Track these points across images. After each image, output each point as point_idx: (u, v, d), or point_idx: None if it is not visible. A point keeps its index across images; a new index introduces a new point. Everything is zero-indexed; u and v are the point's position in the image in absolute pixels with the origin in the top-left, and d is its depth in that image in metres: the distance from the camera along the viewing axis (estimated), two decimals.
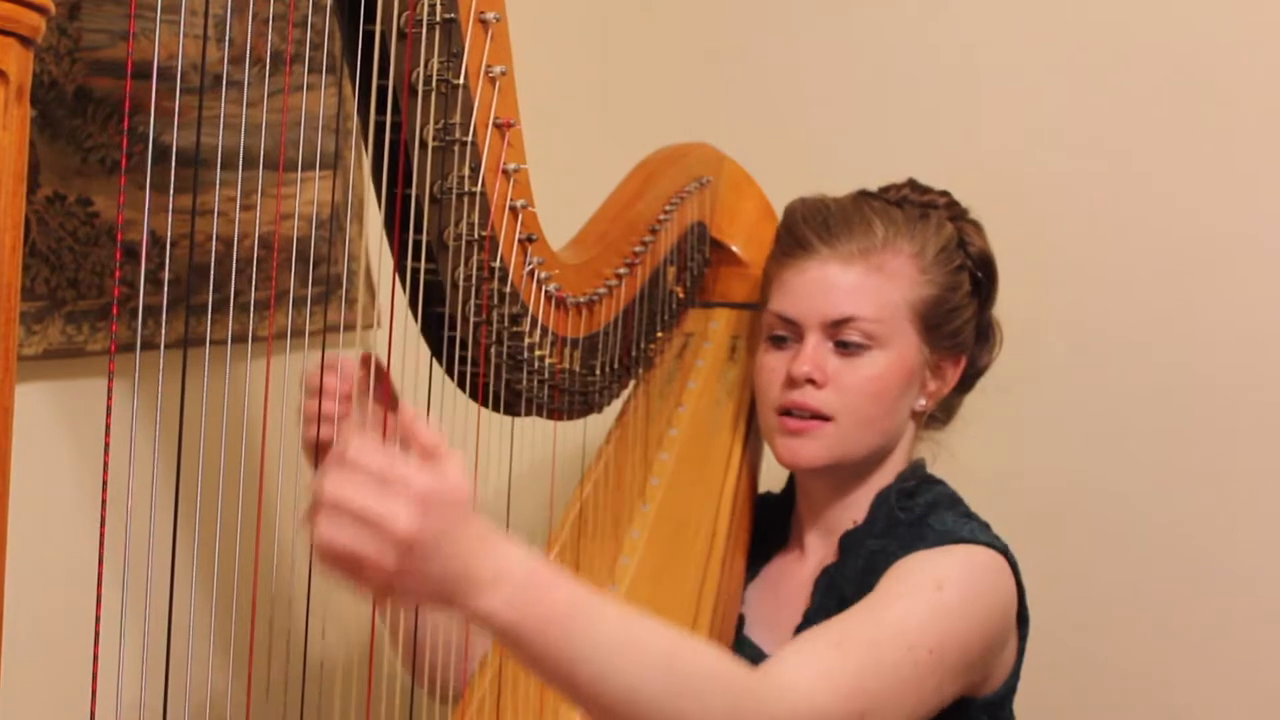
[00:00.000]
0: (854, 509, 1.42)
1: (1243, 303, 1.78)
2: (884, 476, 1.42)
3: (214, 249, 1.39)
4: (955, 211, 1.46)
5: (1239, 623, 1.78)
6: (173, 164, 1.06)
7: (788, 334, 1.41)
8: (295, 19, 1.23)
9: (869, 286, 1.37)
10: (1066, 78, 1.86)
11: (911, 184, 1.47)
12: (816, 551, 1.45)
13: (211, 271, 1.37)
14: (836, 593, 1.36)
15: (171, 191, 1.07)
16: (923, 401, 1.42)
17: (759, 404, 1.45)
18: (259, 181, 1.38)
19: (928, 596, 1.24)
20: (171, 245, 1.31)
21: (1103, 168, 1.84)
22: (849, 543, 1.39)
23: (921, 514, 1.37)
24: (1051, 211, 1.86)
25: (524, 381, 1.33)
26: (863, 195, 1.46)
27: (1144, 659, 1.82)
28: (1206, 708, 1.80)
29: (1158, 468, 1.82)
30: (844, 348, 1.37)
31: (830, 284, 1.38)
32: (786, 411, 1.39)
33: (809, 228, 1.40)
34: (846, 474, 1.41)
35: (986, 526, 1.37)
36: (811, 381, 1.36)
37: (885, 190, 1.47)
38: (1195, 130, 1.79)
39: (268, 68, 1.43)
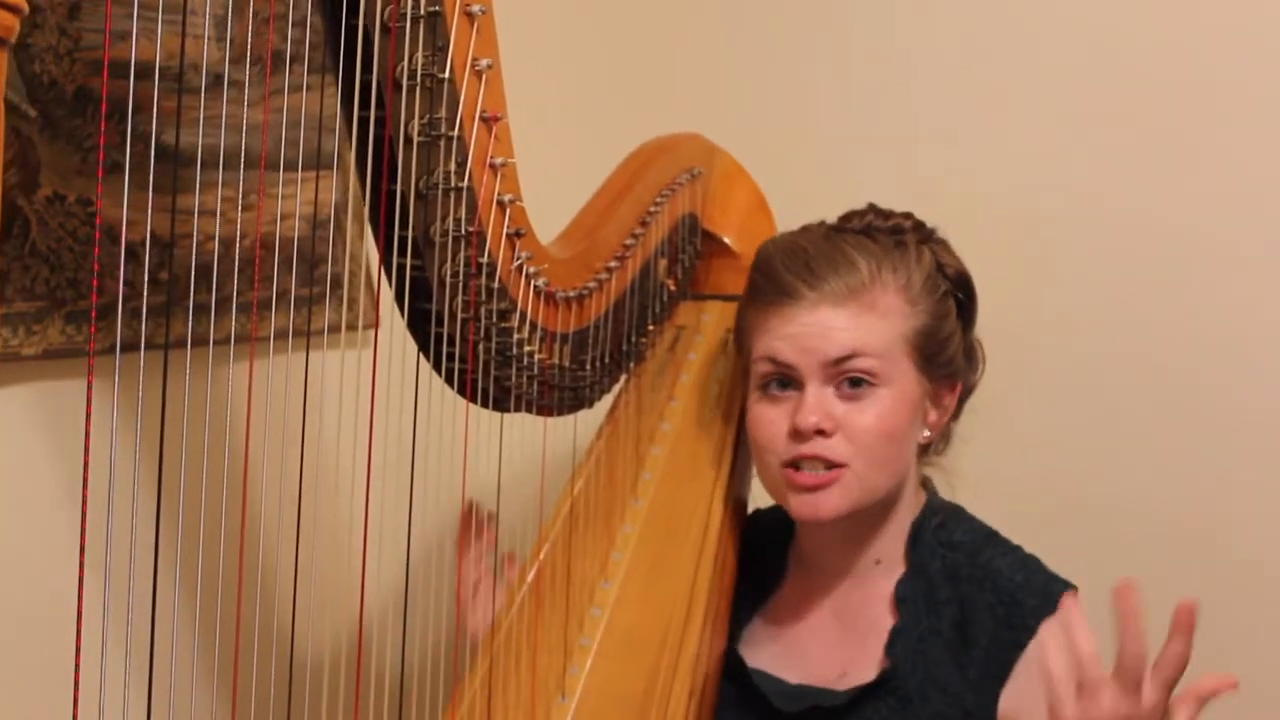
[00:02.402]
0: (873, 549, 1.40)
1: (1233, 306, 1.77)
2: (901, 512, 1.40)
3: (195, 248, 1.38)
4: (923, 234, 1.42)
5: (1240, 621, 1.78)
6: (151, 163, 1.04)
7: (785, 378, 1.36)
8: (295, 19, 1.22)
9: (864, 325, 1.33)
10: (1059, 82, 1.85)
11: (873, 209, 1.43)
12: (835, 590, 1.41)
13: (192, 272, 1.35)
14: (921, 655, 1.33)
15: (151, 190, 1.06)
16: (926, 433, 1.39)
17: (759, 458, 1.39)
18: (240, 183, 1.37)
19: None
20: (167, 245, 1.30)
21: (1095, 174, 1.84)
22: (907, 596, 1.36)
23: (977, 556, 1.36)
24: (1044, 217, 1.85)
25: (513, 377, 1.32)
26: (833, 230, 1.41)
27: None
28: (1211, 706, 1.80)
29: (1154, 472, 1.81)
30: (853, 386, 1.33)
31: (826, 326, 1.33)
32: (794, 464, 1.34)
33: (791, 273, 1.35)
34: (862, 517, 1.37)
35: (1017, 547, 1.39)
36: (820, 432, 1.32)
37: (848, 219, 1.43)
38: (1186, 136, 1.79)
39: (248, 67, 1.42)
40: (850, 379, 1.33)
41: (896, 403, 1.34)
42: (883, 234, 1.40)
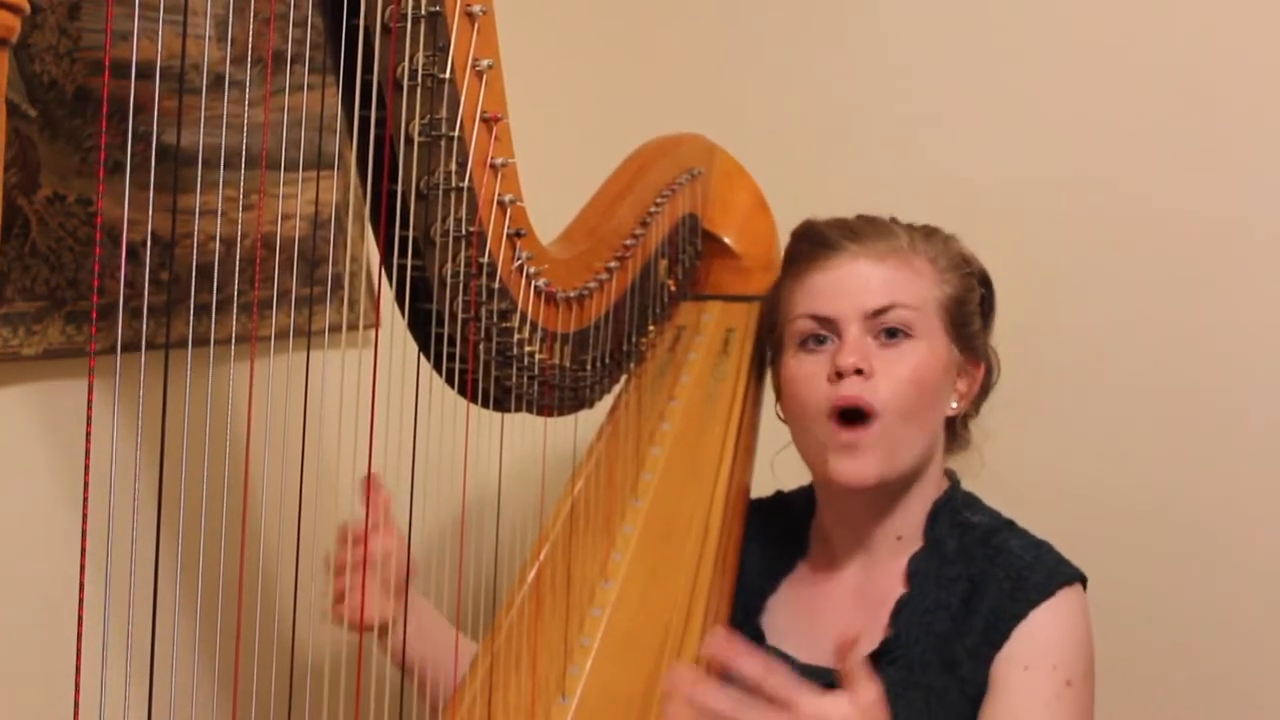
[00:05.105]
0: (895, 524, 1.41)
1: (1244, 306, 1.77)
2: (925, 489, 1.42)
3: (196, 248, 1.38)
4: (941, 234, 1.46)
5: (1242, 620, 1.78)
6: (153, 163, 1.04)
7: (824, 333, 1.39)
8: (296, 19, 1.22)
9: (902, 279, 1.38)
10: (1064, 78, 1.85)
11: (893, 220, 1.46)
12: (855, 567, 1.43)
13: (193, 272, 1.35)
14: (926, 627, 1.35)
15: (152, 189, 1.06)
16: (954, 404, 1.42)
17: (800, 413, 1.40)
18: (241, 183, 1.37)
19: (1064, 701, 1.30)
20: (168, 245, 1.30)
21: (1102, 173, 1.84)
22: (920, 570, 1.38)
23: (992, 537, 1.38)
24: (1050, 217, 1.85)
25: (514, 378, 1.32)
26: (864, 215, 1.46)
27: (1150, 657, 1.81)
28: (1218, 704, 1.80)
29: (1163, 471, 1.81)
30: (889, 336, 1.37)
31: (866, 277, 1.38)
32: (837, 413, 1.35)
33: (834, 231, 1.41)
34: (889, 489, 1.39)
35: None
36: (859, 372, 1.34)
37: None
38: (1193, 134, 1.79)
39: (249, 67, 1.42)
40: (888, 329, 1.37)
41: (930, 356, 1.37)
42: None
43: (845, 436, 1.35)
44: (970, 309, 1.43)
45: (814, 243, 1.42)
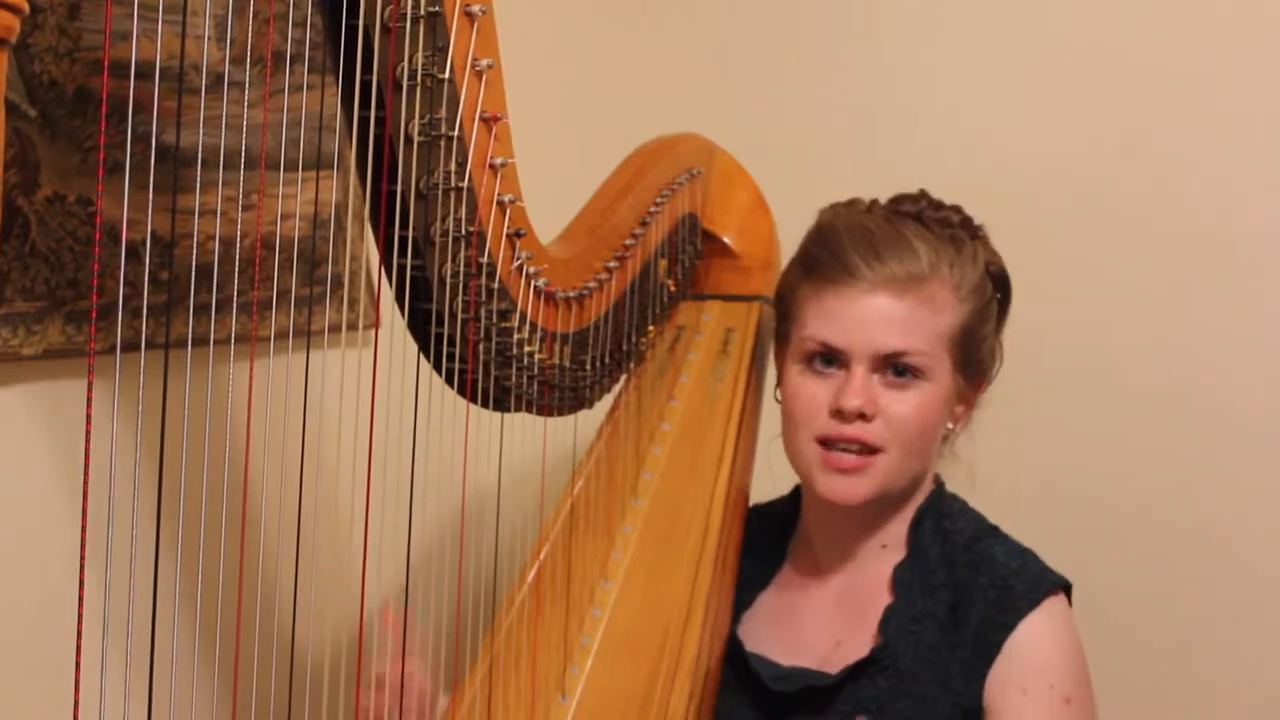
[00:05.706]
0: (881, 534, 1.41)
1: (1240, 300, 1.77)
2: (913, 501, 1.42)
3: (196, 248, 1.38)
4: (970, 229, 1.43)
5: (1244, 619, 1.78)
6: (152, 163, 1.04)
7: (831, 357, 1.37)
8: (296, 19, 1.22)
9: (918, 319, 1.34)
10: (1062, 78, 1.85)
11: (926, 196, 1.43)
12: (838, 572, 1.43)
13: (193, 272, 1.35)
14: (915, 637, 1.35)
15: (151, 189, 1.06)
16: (951, 426, 1.41)
17: (793, 428, 1.40)
18: (241, 183, 1.37)
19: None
20: (168, 245, 1.30)
21: (1100, 172, 1.84)
22: (905, 578, 1.38)
23: (975, 544, 1.38)
24: (1048, 215, 1.85)
25: (513, 378, 1.32)
26: (893, 213, 1.42)
27: (1150, 656, 1.81)
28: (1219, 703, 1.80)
29: (1159, 469, 1.81)
30: (897, 374, 1.35)
31: (882, 316, 1.34)
32: (828, 443, 1.36)
33: (856, 252, 1.35)
34: (878, 505, 1.39)
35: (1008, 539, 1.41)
36: (861, 416, 1.34)
37: (900, 201, 1.43)
38: (1197, 134, 1.79)
39: (248, 67, 1.42)
40: (896, 368, 1.35)
41: (934, 397, 1.36)
42: (935, 224, 1.40)
43: (842, 461, 1.35)
44: (982, 335, 1.40)
45: (834, 257, 1.37)
